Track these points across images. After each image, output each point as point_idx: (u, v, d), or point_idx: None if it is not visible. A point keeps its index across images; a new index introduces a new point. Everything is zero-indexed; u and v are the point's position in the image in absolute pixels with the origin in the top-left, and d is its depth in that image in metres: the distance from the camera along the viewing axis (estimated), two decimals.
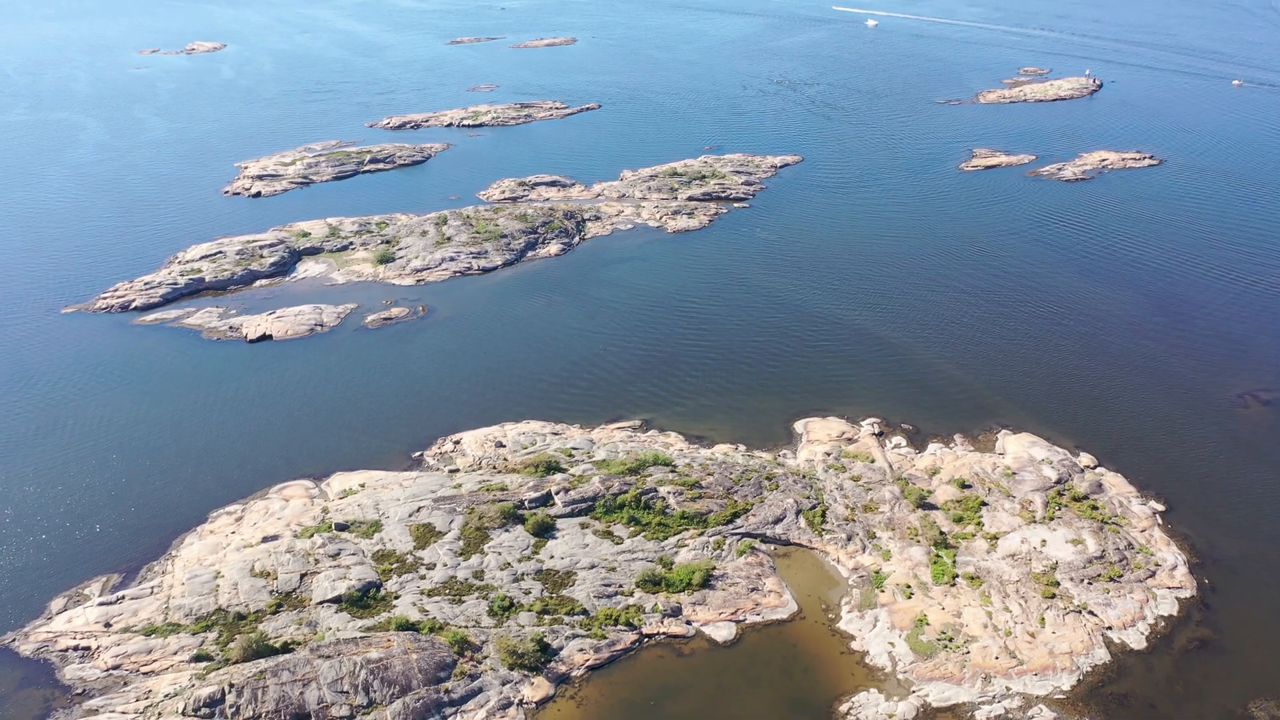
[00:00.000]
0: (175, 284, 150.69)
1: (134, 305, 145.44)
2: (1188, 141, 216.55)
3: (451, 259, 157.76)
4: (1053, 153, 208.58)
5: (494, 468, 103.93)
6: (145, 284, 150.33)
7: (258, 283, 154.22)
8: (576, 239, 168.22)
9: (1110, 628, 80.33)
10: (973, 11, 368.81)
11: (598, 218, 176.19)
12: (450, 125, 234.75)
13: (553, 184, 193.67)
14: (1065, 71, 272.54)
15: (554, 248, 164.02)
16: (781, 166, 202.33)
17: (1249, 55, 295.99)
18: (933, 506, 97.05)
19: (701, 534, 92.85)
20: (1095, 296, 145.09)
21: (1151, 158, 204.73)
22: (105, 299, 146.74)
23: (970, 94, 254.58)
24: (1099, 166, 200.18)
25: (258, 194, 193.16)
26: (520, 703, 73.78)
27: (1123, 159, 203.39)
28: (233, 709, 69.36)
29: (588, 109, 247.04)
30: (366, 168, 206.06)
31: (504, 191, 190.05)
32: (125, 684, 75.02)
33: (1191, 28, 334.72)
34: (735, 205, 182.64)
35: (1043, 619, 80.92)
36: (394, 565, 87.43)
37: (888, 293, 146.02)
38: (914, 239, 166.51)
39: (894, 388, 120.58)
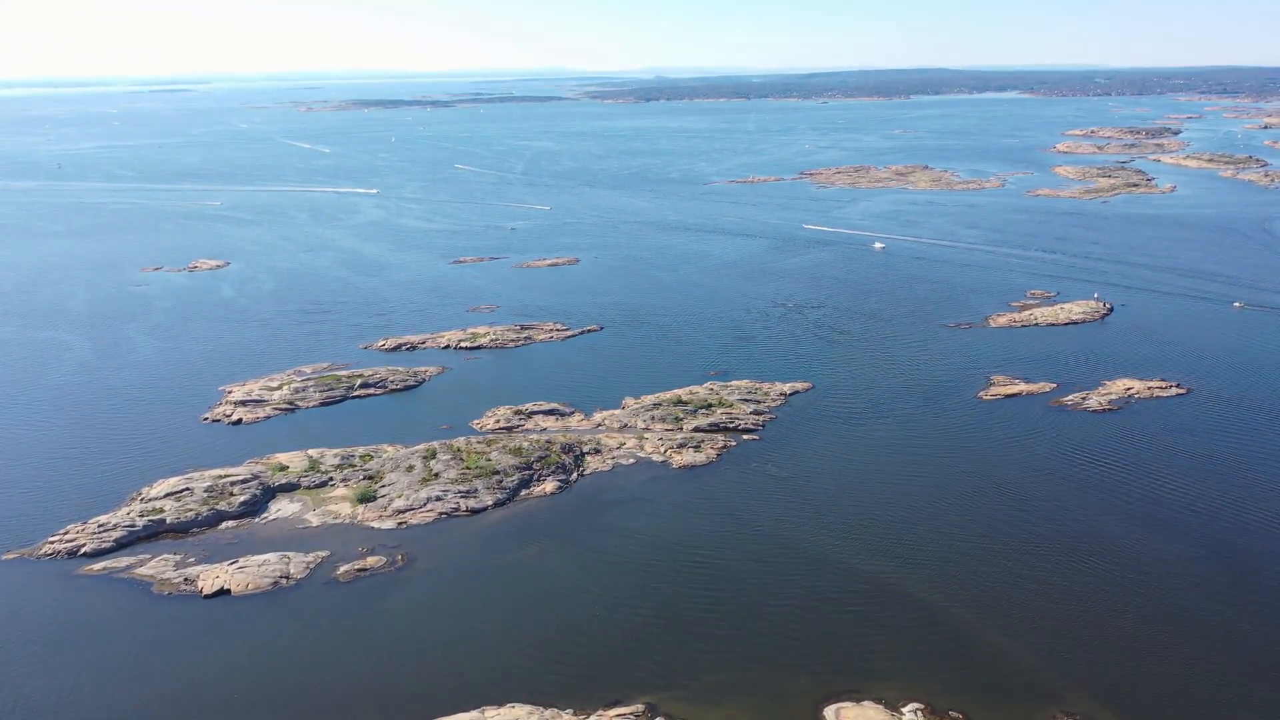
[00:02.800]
0: (132, 526, 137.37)
1: (83, 551, 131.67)
2: (1209, 369, 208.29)
3: (438, 498, 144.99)
4: (1074, 380, 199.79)
5: None
6: (99, 526, 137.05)
7: (224, 524, 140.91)
8: (574, 475, 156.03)
9: None
10: (971, 234, 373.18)
11: (598, 451, 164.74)
12: (448, 347, 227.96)
13: (551, 413, 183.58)
14: (1073, 294, 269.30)
15: (550, 485, 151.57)
16: (791, 394, 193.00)
17: (1245, 277, 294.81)
18: None
19: None
20: (1143, 545, 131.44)
21: (1179, 386, 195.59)
22: (53, 543, 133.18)
23: (980, 317, 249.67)
24: (1125, 396, 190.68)
25: (239, 421, 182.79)
26: None
27: (1149, 388, 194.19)
28: None
29: (589, 331, 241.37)
30: (356, 393, 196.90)
31: (499, 421, 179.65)
32: None
33: (1190, 251, 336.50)
34: (744, 437, 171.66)
35: None
36: None
37: (915, 542, 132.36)
38: (937, 478, 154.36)
39: (935, 661, 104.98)
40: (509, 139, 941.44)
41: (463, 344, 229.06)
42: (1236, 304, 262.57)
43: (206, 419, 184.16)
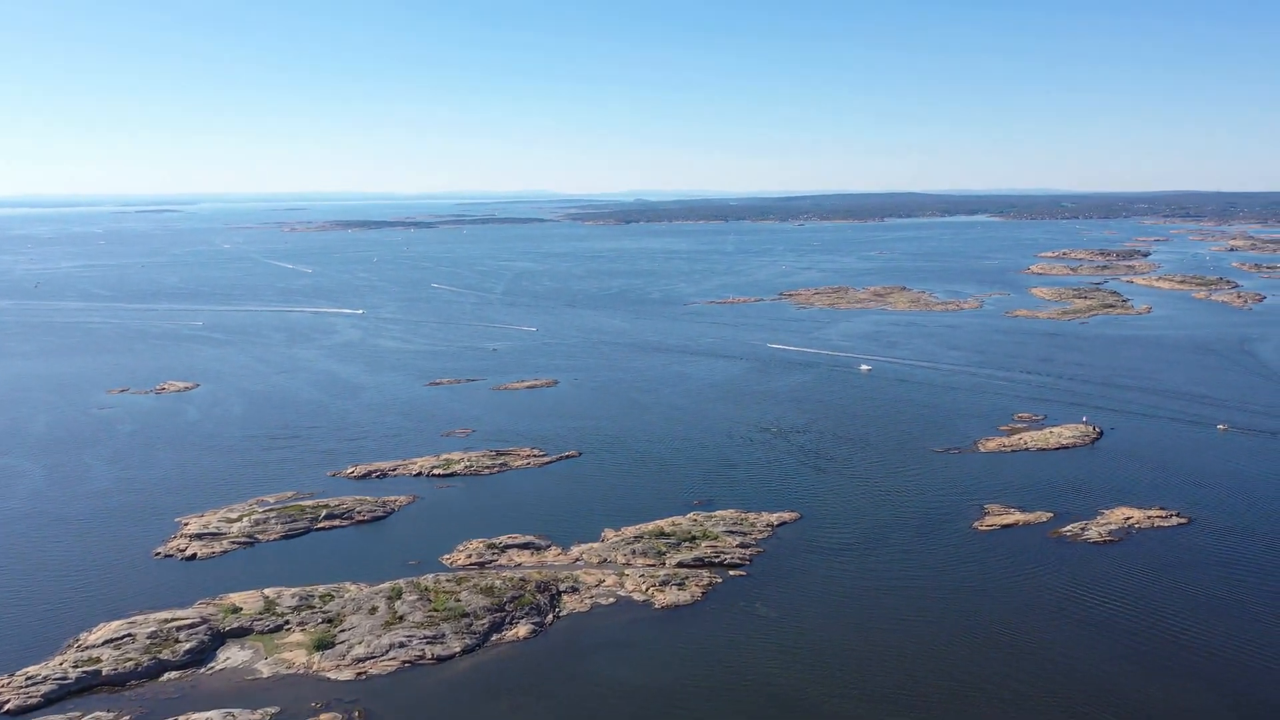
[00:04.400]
0: (64, 679, 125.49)
1: (6, 708, 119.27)
2: (1206, 496, 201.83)
3: (401, 644, 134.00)
4: (1071, 509, 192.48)
5: None
6: (27, 679, 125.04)
7: (166, 675, 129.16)
8: (550, 617, 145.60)
9: None
10: (954, 355, 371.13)
11: (575, 589, 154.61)
12: (419, 475, 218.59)
13: (526, 546, 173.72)
14: (1060, 418, 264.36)
15: (523, 629, 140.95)
16: (779, 525, 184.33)
17: (1228, 398, 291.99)
18: None
19: None
20: (1163, 697, 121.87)
21: (1179, 515, 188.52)
22: None
23: (969, 442, 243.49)
24: (1125, 525, 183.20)
25: (193, 556, 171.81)
26: None
27: (1148, 517, 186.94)
28: None
29: (567, 457, 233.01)
30: (321, 524, 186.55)
31: (471, 555, 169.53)
32: None
33: (1172, 372, 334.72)
34: (731, 573, 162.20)
35: None
36: None
37: (916, 690, 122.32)
38: (936, 618, 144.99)
39: None
40: (490, 259, 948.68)
41: (435, 471, 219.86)
42: (1220, 426, 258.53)
43: (159, 554, 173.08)
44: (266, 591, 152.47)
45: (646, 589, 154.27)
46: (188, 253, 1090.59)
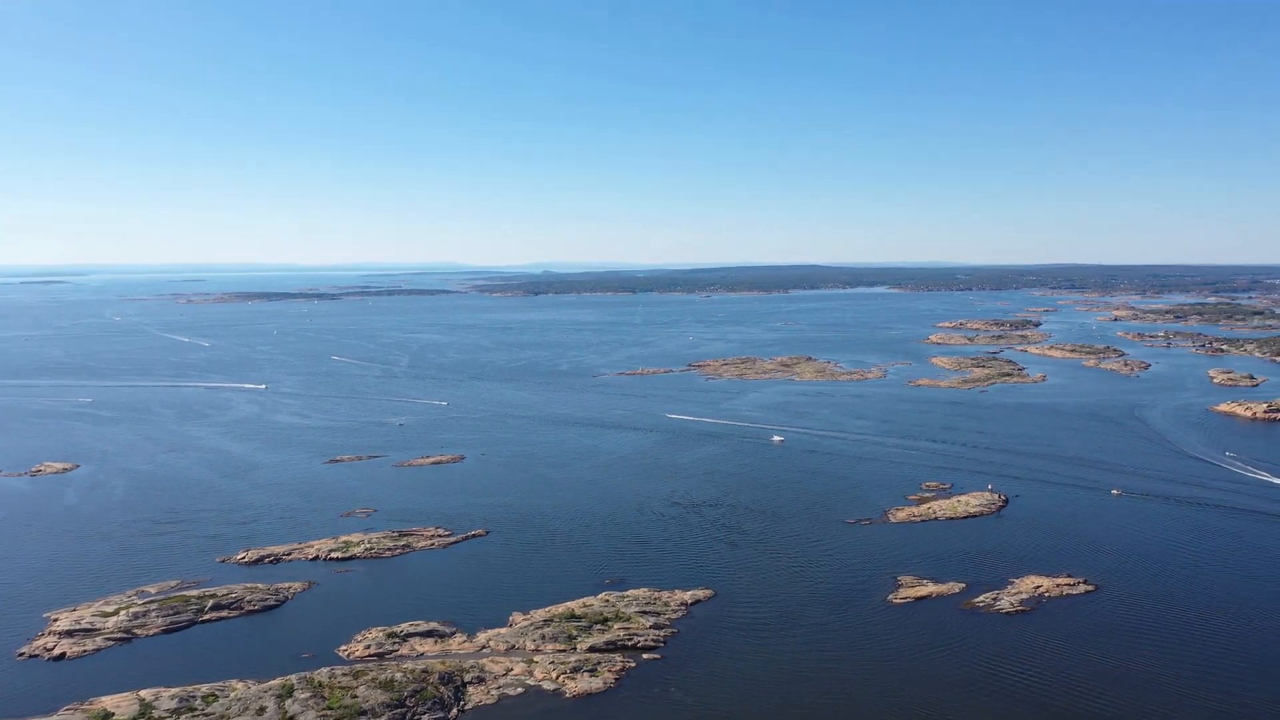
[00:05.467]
0: None
1: None
2: (1110, 563, 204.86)
3: None
4: (982, 578, 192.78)
5: None
6: None
7: None
8: (454, 711, 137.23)
9: None
10: (861, 425, 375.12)
11: (481, 680, 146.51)
12: (316, 559, 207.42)
13: (429, 634, 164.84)
14: (967, 486, 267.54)
15: None
16: (693, 603, 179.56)
17: (1122, 464, 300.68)
18: None
19: None
20: None
21: (1086, 583, 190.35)
22: None
23: (879, 512, 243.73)
24: (1035, 595, 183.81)
25: (61, 655, 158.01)
26: None
27: (1057, 585, 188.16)
28: None
29: (474, 536, 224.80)
30: (207, 616, 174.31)
31: (370, 646, 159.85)
32: None
33: (1069, 439, 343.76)
34: (645, 656, 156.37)
35: None
36: None
37: None
38: (856, 701, 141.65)
39: None
40: (396, 331, 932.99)
41: (333, 554, 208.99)
42: (1115, 491, 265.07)
43: (23, 654, 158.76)
44: (143, 693, 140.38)
45: (557, 677, 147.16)
46: (75, 325, 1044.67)
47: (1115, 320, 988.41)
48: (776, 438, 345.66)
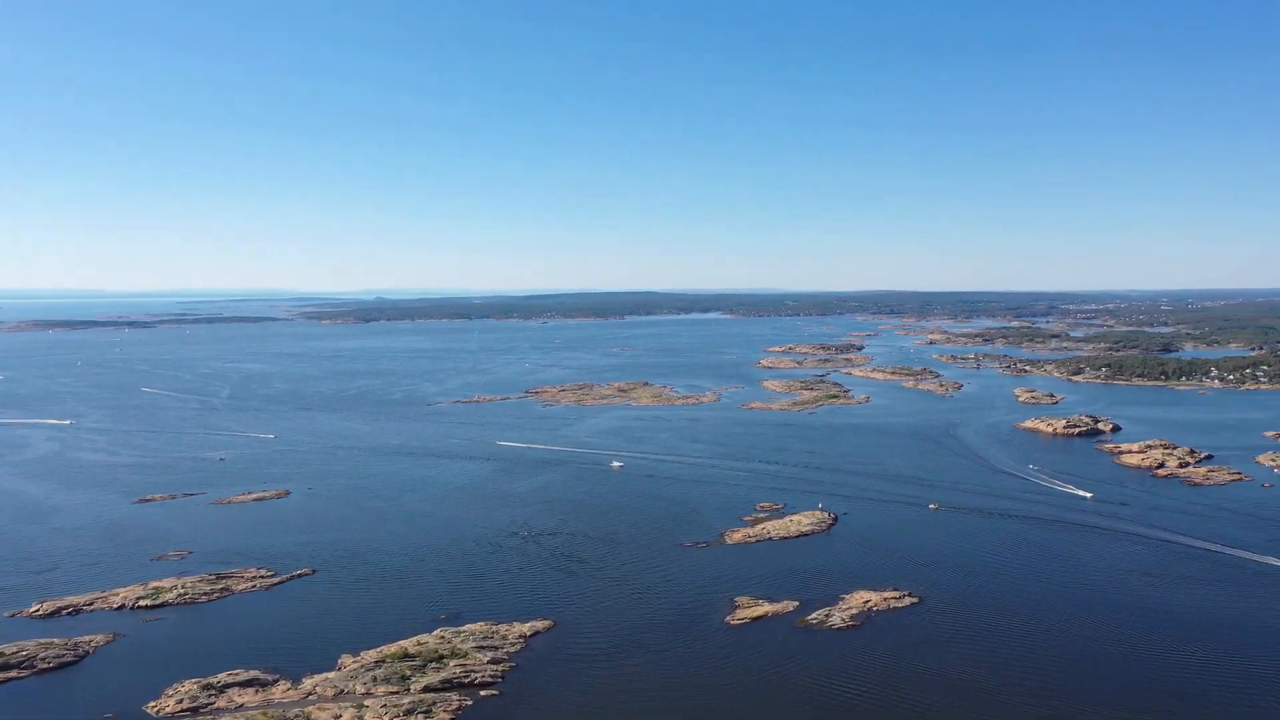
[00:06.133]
0: None
1: None
2: (932, 575, 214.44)
3: None
4: (815, 596, 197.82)
5: None
6: None
7: None
8: None
9: None
10: (697, 448, 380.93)
11: None
12: (122, 608, 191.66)
13: (250, 683, 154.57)
14: (799, 505, 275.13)
15: None
16: (532, 635, 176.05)
17: (938, 479, 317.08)
18: None
19: None
20: None
21: (911, 595, 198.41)
22: None
23: (715, 534, 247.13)
24: (865, 609, 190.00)
25: None
26: None
27: (885, 599, 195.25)
28: None
29: (299, 576, 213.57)
30: None
31: (182, 701, 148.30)
32: None
33: (892, 457, 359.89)
34: (482, 693, 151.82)
35: None
36: None
37: None
38: None
39: None
40: (216, 361, 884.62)
41: (141, 602, 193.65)
42: (932, 505, 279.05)
43: None
44: None
45: None
46: None
47: (931, 343, 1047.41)
48: (615, 463, 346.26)
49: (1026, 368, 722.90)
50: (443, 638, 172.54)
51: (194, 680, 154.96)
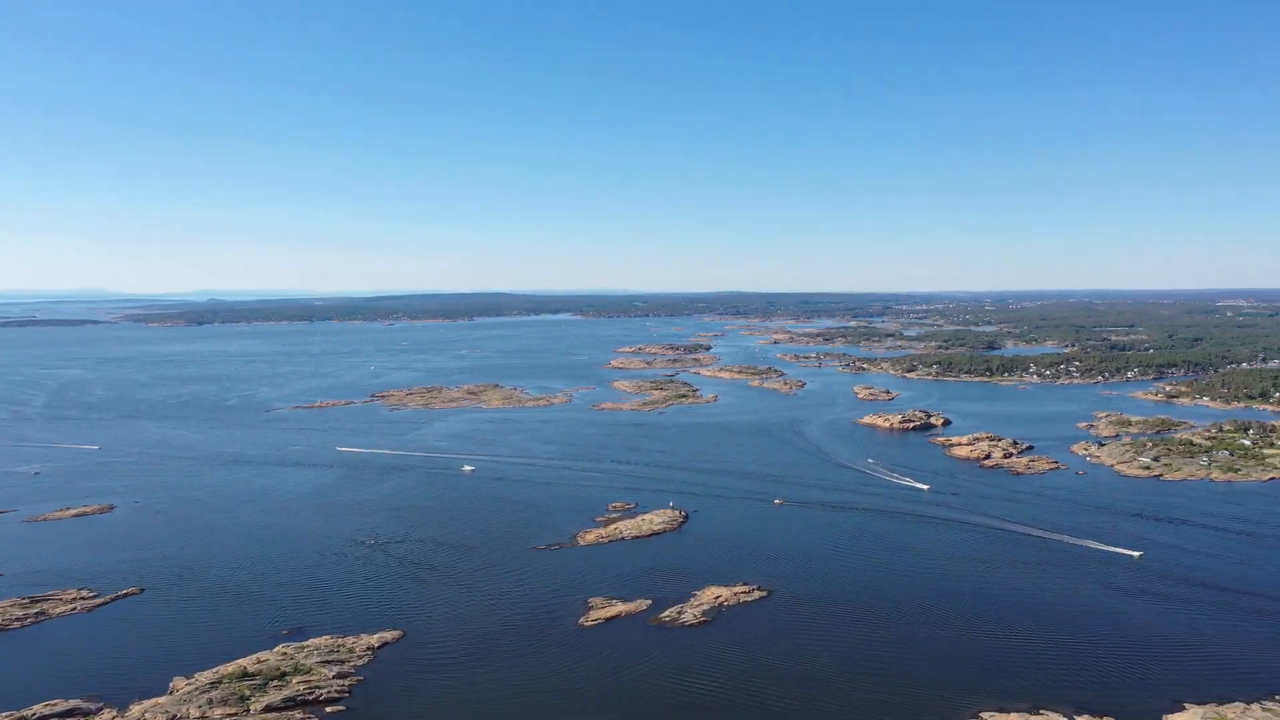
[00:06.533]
0: None
1: None
2: (778, 569, 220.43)
3: None
4: (667, 594, 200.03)
5: None
6: None
7: None
8: None
9: None
10: (549, 450, 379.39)
11: None
12: None
13: (69, 714, 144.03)
14: (651, 504, 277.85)
15: None
16: (380, 647, 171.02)
17: (783, 475, 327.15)
18: None
19: None
20: None
21: (759, 589, 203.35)
22: None
23: (568, 536, 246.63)
24: (715, 605, 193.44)
25: None
26: None
27: (734, 594, 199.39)
28: None
29: (125, 595, 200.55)
30: None
31: None
32: None
33: (739, 455, 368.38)
34: (328, 710, 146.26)
35: None
36: None
37: None
38: None
39: None
40: (28, 367, 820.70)
41: None
42: (777, 500, 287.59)
43: None
44: None
45: None
46: None
47: (775, 343, 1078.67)
48: (467, 467, 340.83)
49: (865, 366, 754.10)
50: (285, 654, 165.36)
51: (6, 714, 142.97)
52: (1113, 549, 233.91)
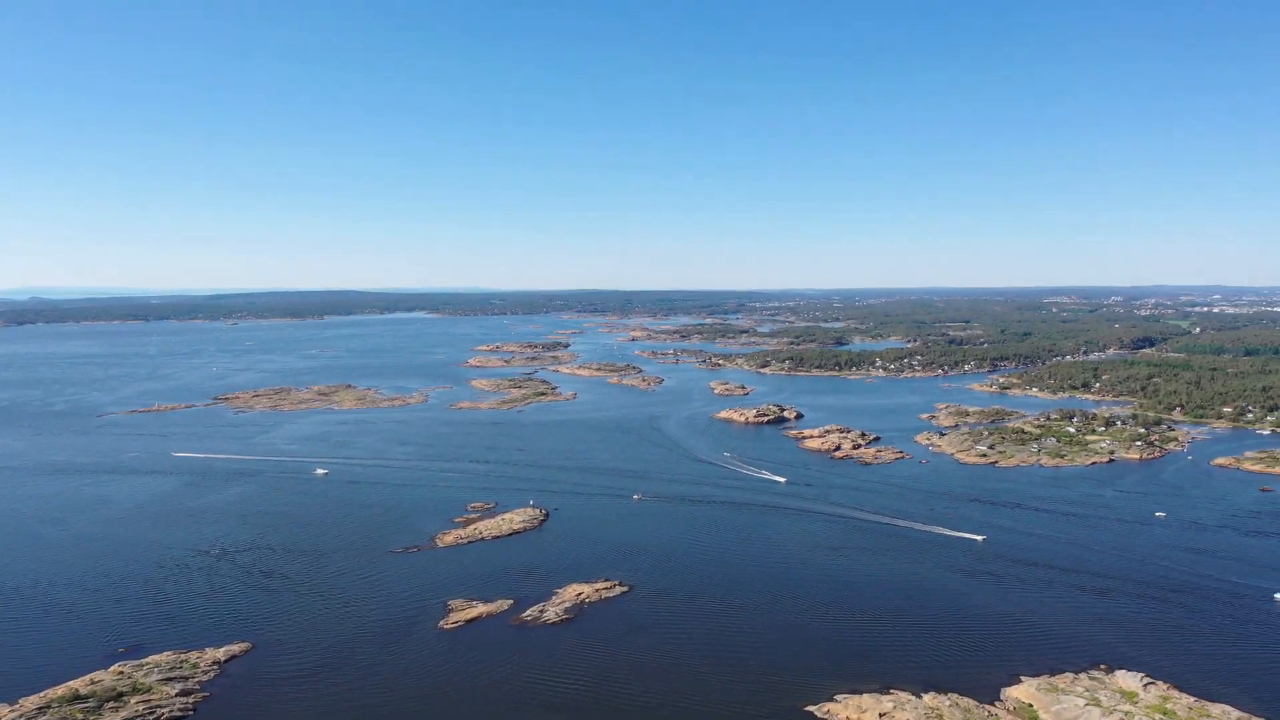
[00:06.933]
0: None
1: None
2: (638, 563, 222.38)
3: None
4: (529, 593, 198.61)
5: None
6: None
7: None
8: None
9: None
10: (405, 451, 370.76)
11: None
12: None
13: None
14: (511, 503, 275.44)
15: None
16: (227, 660, 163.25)
17: (642, 470, 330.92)
18: None
19: None
20: None
21: (620, 585, 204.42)
22: None
23: (427, 538, 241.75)
24: (578, 602, 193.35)
25: None
26: None
27: (596, 590, 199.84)
28: None
29: None
30: None
31: None
32: None
33: (599, 451, 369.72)
34: None
35: None
36: None
37: None
38: None
39: None
40: None
41: None
42: (636, 496, 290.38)
43: None
44: None
45: None
46: None
47: (633, 340, 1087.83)
48: (319, 470, 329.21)
49: (720, 362, 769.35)
50: (121, 673, 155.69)
51: None
52: (958, 534, 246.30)
